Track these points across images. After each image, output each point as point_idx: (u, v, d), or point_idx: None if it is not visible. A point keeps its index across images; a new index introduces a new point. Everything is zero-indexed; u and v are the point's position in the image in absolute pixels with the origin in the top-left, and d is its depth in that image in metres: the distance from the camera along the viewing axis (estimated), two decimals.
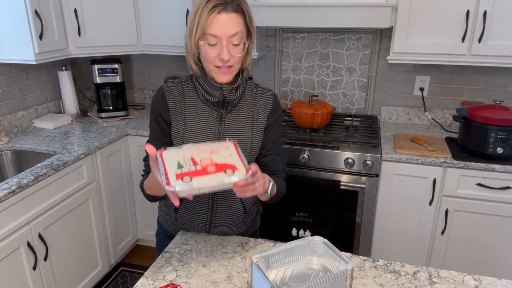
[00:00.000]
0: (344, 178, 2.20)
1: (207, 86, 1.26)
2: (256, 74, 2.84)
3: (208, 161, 1.00)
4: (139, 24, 2.59)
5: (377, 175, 2.15)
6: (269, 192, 1.22)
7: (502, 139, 1.95)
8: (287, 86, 2.81)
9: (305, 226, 2.31)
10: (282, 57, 2.75)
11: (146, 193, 1.26)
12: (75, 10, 2.35)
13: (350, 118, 2.64)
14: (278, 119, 1.37)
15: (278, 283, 1.06)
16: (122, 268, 2.65)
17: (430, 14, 2.10)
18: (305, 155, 2.20)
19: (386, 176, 2.16)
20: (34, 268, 1.87)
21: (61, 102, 2.72)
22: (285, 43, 2.72)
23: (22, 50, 2.15)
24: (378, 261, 1.24)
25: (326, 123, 2.42)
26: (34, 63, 2.17)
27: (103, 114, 2.71)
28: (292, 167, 2.26)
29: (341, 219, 2.29)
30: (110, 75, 2.69)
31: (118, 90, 2.77)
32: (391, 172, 2.14)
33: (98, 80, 2.68)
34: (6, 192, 1.67)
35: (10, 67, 2.38)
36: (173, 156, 1.01)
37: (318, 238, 1.12)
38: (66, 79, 2.65)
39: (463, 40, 2.08)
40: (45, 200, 1.92)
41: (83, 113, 2.81)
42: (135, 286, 1.14)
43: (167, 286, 1.11)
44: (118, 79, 2.71)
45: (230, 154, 1.03)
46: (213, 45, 1.16)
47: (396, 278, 1.16)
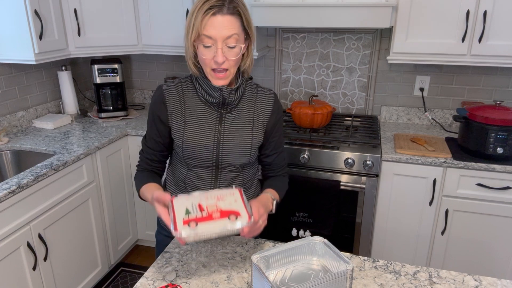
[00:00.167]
0: (344, 178, 2.19)
1: (207, 87, 1.26)
2: (256, 74, 2.84)
3: (214, 207, 1.09)
4: (139, 24, 2.59)
5: (377, 175, 2.15)
6: (273, 211, 1.29)
7: (502, 139, 1.95)
8: (287, 86, 2.81)
9: (305, 226, 2.31)
10: (282, 57, 2.75)
11: (140, 196, 1.34)
12: (75, 10, 2.35)
13: (350, 118, 2.64)
14: (280, 119, 1.38)
15: (278, 283, 1.06)
16: (122, 268, 2.65)
17: (430, 14, 2.10)
18: (305, 155, 2.20)
19: (386, 176, 2.16)
20: (34, 268, 1.87)
21: (61, 102, 2.72)
22: (285, 43, 2.72)
23: (22, 50, 2.15)
24: (378, 261, 1.23)
25: (326, 123, 2.42)
26: (34, 63, 2.17)
27: (103, 114, 2.71)
28: (292, 167, 2.25)
29: (341, 219, 2.29)
30: (110, 75, 2.69)
31: (118, 90, 2.76)
32: (391, 172, 2.14)
33: (98, 80, 2.68)
34: (6, 192, 1.67)
35: (10, 67, 2.38)
36: (182, 202, 1.11)
37: (318, 238, 1.12)
38: (66, 79, 2.65)
39: (463, 40, 2.08)
40: (45, 200, 1.92)
41: (83, 113, 2.80)
42: (135, 286, 1.13)
43: (167, 286, 1.11)
44: (118, 79, 2.71)
45: (235, 201, 1.12)
46: (208, 46, 1.16)
47: (396, 278, 1.15)
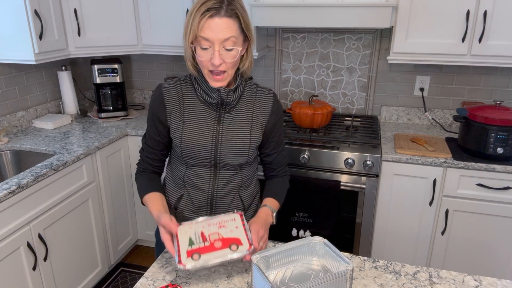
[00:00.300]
0: (344, 179, 2.19)
1: (205, 87, 1.26)
2: (256, 74, 2.84)
3: (216, 235, 1.15)
4: (139, 24, 2.58)
5: (377, 175, 2.15)
6: (274, 222, 1.32)
7: (503, 139, 1.95)
8: (287, 86, 2.81)
9: (305, 226, 2.31)
10: (282, 57, 2.75)
11: (142, 202, 1.34)
12: (75, 10, 2.35)
13: (350, 118, 2.64)
14: (279, 119, 1.38)
15: (278, 284, 1.06)
16: (122, 268, 2.65)
17: (430, 14, 2.10)
18: (305, 155, 2.20)
19: (386, 176, 2.16)
20: (34, 268, 1.87)
21: (60, 102, 2.72)
22: (285, 43, 2.72)
23: (22, 50, 2.15)
24: (378, 261, 1.23)
25: (326, 123, 2.42)
26: (34, 63, 2.17)
27: (103, 114, 2.71)
28: (292, 167, 2.25)
29: (341, 220, 2.29)
30: (110, 75, 2.69)
31: (118, 90, 2.76)
32: (391, 172, 2.14)
33: (98, 80, 2.67)
34: (5, 192, 1.67)
35: (9, 67, 2.38)
36: (186, 231, 1.17)
37: (318, 239, 1.12)
38: (66, 79, 2.65)
39: (463, 40, 2.08)
40: (45, 200, 1.92)
41: (83, 113, 2.80)
42: (135, 286, 1.13)
43: (167, 286, 1.11)
44: (118, 79, 2.71)
45: (236, 227, 1.18)
46: (205, 48, 1.15)
47: (396, 279, 1.15)
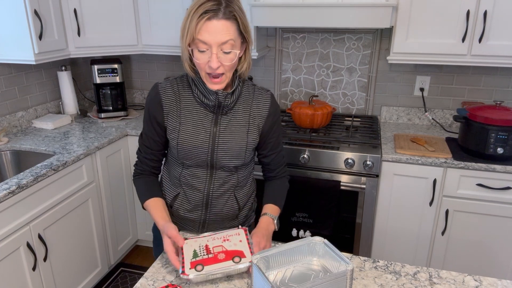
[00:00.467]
0: (344, 179, 2.19)
1: (203, 89, 1.24)
2: (256, 74, 2.84)
3: (220, 248, 1.18)
4: (139, 24, 2.58)
5: (377, 176, 2.15)
6: (277, 229, 1.34)
7: (503, 140, 1.95)
8: (287, 86, 2.81)
9: (305, 226, 2.31)
10: (282, 57, 2.75)
11: (143, 207, 1.35)
12: (75, 10, 2.34)
13: (350, 119, 2.64)
14: (277, 121, 1.37)
15: (278, 284, 1.06)
16: (122, 268, 2.65)
17: (431, 14, 2.10)
18: (305, 156, 2.20)
19: (387, 176, 2.16)
20: (34, 268, 1.87)
21: (60, 103, 2.72)
22: (285, 43, 2.71)
23: (22, 50, 2.15)
24: (378, 261, 1.23)
25: (326, 124, 2.42)
26: (34, 63, 2.17)
27: (103, 115, 2.71)
28: (292, 168, 2.25)
29: (341, 220, 2.29)
30: (109, 75, 2.69)
31: (117, 90, 2.76)
32: (392, 172, 2.14)
33: (98, 80, 2.67)
34: (5, 192, 1.67)
35: (9, 67, 2.38)
36: (191, 245, 1.20)
37: (318, 239, 1.12)
38: (65, 79, 2.65)
39: (464, 40, 2.08)
40: (44, 200, 1.92)
41: (83, 113, 2.80)
42: (135, 286, 1.13)
43: (167, 286, 1.11)
44: (117, 79, 2.71)
45: (240, 241, 1.21)
46: (202, 51, 1.14)
47: (396, 279, 1.15)
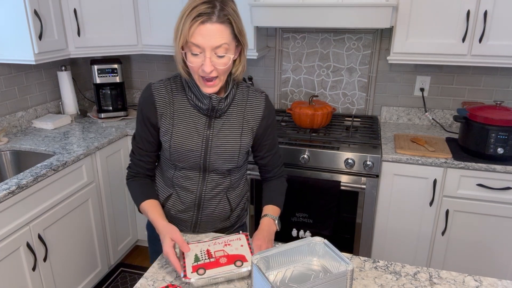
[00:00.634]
0: (344, 179, 2.19)
1: (197, 92, 1.22)
2: (256, 74, 2.84)
3: (221, 253, 1.19)
4: (139, 24, 2.58)
5: (377, 176, 2.15)
6: (278, 229, 1.34)
7: (503, 140, 1.95)
8: (287, 87, 2.81)
9: (305, 226, 2.31)
10: (282, 57, 2.75)
11: (139, 210, 1.34)
12: (75, 10, 2.34)
13: (351, 119, 2.63)
14: (272, 122, 1.35)
15: (278, 284, 1.06)
16: (121, 268, 2.64)
17: (431, 14, 2.10)
18: (305, 156, 2.20)
19: (387, 176, 2.16)
20: (34, 269, 1.87)
21: (60, 103, 2.72)
22: (285, 43, 2.71)
23: (22, 50, 2.14)
24: (379, 261, 1.23)
25: (326, 124, 2.42)
26: (34, 63, 2.17)
27: (103, 115, 2.71)
28: (292, 168, 2.25)
29: (341, 220, 2.29)
30: (109, 75, 2.69)
31: (117, 90, 2.76)
32: (392, 172, 2.14)
33: (98, 80, 2.67)
34: (5, 192, 1.67)
35: (9, 67, 2.37)
36: (192, 249, 1.21)
37: (318, 239, 1.12)
38: (65, 79, 2.65)
39: (464, 40, 2.08)
40: (44, 200, 1.92)
41: (83, 113, 2.80)
42: (135, 286, 1.13)
43: (167, 287, 1.11)
44: (117, 79, 2.71)
45: (242, 246, 1.22)
46: (196, 54, 1.12)
47: (396, 279, 1.15)
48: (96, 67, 2.65)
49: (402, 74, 2.57)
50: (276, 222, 1.33)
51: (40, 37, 2.14)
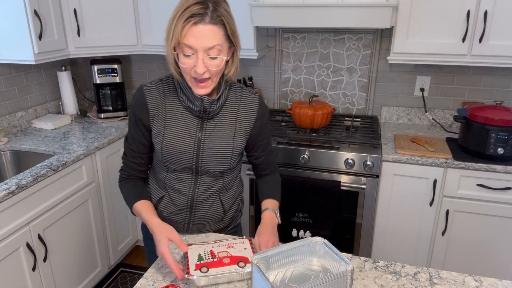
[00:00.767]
0: (344, 179, 2.19)
1: (189, 93, 1.21)
2: (256, 74, 2.84)
3: (224, 254, 1.20)
4: (139, 24, 2.58)
5: (377, 176, 2.15)
6: (280, 222, 1.34)
7: (503, 140, 1.94)
8: (287, 87, 2.81)
9: (305, 227, 2.31)
10: (282, 57, 2.75)
11: (132, 211, 1.31)
12: (75, 10, 2.34)
13: (351, 119, 2.63)
14: (265, 123, 1.35)
15: (278, 284, 1.05)
16: (121, 269, 2.64)
17: (431, 14, 2.10)
18: (305, 156, 2.20)
19: (387, 176, 2.15)
20: (34, 269, 1.87)
21: (60, 103, 2.72)
22: (285, 43, 2.71)
23: (21, 50, 2.14)
24: (379, 262, 1.23)
25: (326, 124, 2.42)
26: (34, 63, 2.17)
27: (103, 115, 2.71)
28: (292, 168, 2.25)
29: (341, 220, 2.29)
30: (109, 76, 2.69)
31: (117, 90, 2.76)
32: (392, 172, 2.14)
33: (98, 80, 2.67)
34: (5, 192, 1.67)
35: (9, 67, 2.37)
36: (195, 249, 1.22)
37: (318, 239, 1.12)
38: (65, 80, 2.64)
39: (464, 40, 2.08)
40: (44, 200, 1.92)
41: (83, 113, 2.80)
42: (135, 286, 1.13)
43: (167, 287, 1.11)
44: (117, 80, 2.71)
45: (245, 248, 1.23)
46: (188, 55, 1.10)
47: (396, 279, 1.15)
48: (96, 67, 2.65)
49: (402, 74, 2.57)
50: (277, 215, 1.33)
51: (40, 37, 2.14)
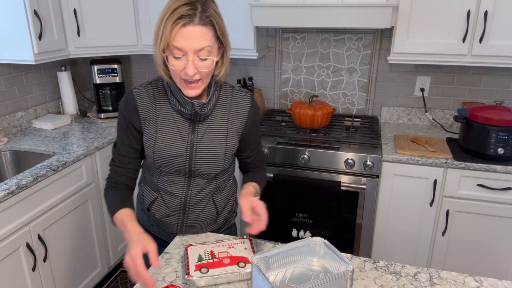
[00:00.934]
0: (344, 179, 2.19)
1: (179, 96, 1.20)
2: (256, 74, 2.84)
3: (225, 254, 1.20)
4: (139, 24, 2.58)
5: (377, 176, 2.14)
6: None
7: (503, 140, 1.94)
8: (287, 87, 2.81)
9: (305, 227, 2.30)
10: (282, 57, 2.75)
11: (112, 221, 1.23)
12: (74, 10, 2.34)
13: (351, 119, 2.63)
14: (256, 122, 1.33)
15: (278, 284, 1.05)
16: (121, 269, 2.64)
17: (431, 14, 2.10)
18: (305, 156, 2.20)
19: (387, 176, 2.15)
20: (33, 269, 1.87)
21: (60, 103, 2.72)
22: (285, 43, 2.71)
23: (21, 50, 2.14)
24: (379, 262, 1.23)
25: (326, 124, 2.42)
26: (33, 64, 2.17)
27: (103, 115, 2.71)
28: (292, 168, 2.25)
29: (341, 220, 2.29)
30: (109, 76, 2.69)
31: (117, 90, 2.76)
32: (392, 172, 2.14)
33: (98, 80, 2.67)
34: (5, 193, 1.66)
35: (9, 67, 2.37)
36: (196, 250, 1.22)
37: (318, 239, 1.12)
38: (65, 80, 2.64)
39: (464, 40, 2.08)
40: (44, 201, 1.91)
41: (83, 113, 2.80)
42: (135, 287, 1.13)
43: (167, 287, 1.10)
44: (117, 80, 2.71)
45: (245, 249, 1.23)
46: (178, 57, 1.09)
47: (396, 279, 1.15)
48: (96, 67, 2.65)
49: (402, 74, 2.57)
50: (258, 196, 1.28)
51: (40, 37, 2.14)
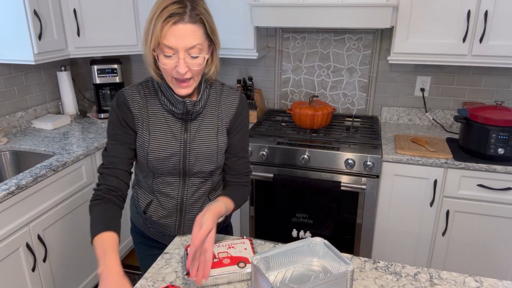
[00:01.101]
0: (344, 179, 2.19)
1: (170, 95, 1.19)
2: (256, 75, 2.84)
3: (225, 254, 1.20)
4: (139, 24, 2.58)
5: (377, 176, 2.14)
6: (221, 220, 1.23)
7: (503, 140, 1.94)
8: (288, 87, 2.81)
9: (305, 227, 2.30)
10: (282, 57, 2.75)
11: (92, 240, 1.17)
12: (74, 10, 2.34)
13: (351, 119, 2.63)
14: (242, 123, 1.31)
15: (278, 285, 1.05)
16: None
17: (431, 14, 2.10)
18: (305, 156, 2.20)
19: (387, 177, 2.15)
20: (33, 269, 1.86)
21: (60, 103, 2.71)
22: (285, 43, 2.71)
23: (21, 51, 2.14)
24: (379, 262, 1.23)
25: (326, 124, 2.41)
26: (33, 64, 2.17)
27: (103, 115, 2.70)
28: (292, 168, 2.25)
29: (341, 220, 2.29)
30: (109, 76, 2.68)
31: (117, 90, 2.75)
32: (392, 173, 2.14)
33: (98, 80, 2.67)
34: (5, 193, 1.66)
35: (9, 68, 2.37)
36: None
37: (318, 239, 1.12)
38: (65, 80, 2.64)
39: (464, 40, 2.07)
40: (44, 201, 1.91)
41: (82, 113, 2.80)
42: (135, 287, 1.13)
43: (167, 287, 1.10)
44: (117, 80, 2.71)
45: (245, 249, 1.23)
46: (169, 56, 1.08)
47: (397, 280, 1.15)
48: (96, 67, 2.64)
49: (403, 74, 2.57)
50: (221, 218, 1.20)
51: (39, 37, 2.14)
